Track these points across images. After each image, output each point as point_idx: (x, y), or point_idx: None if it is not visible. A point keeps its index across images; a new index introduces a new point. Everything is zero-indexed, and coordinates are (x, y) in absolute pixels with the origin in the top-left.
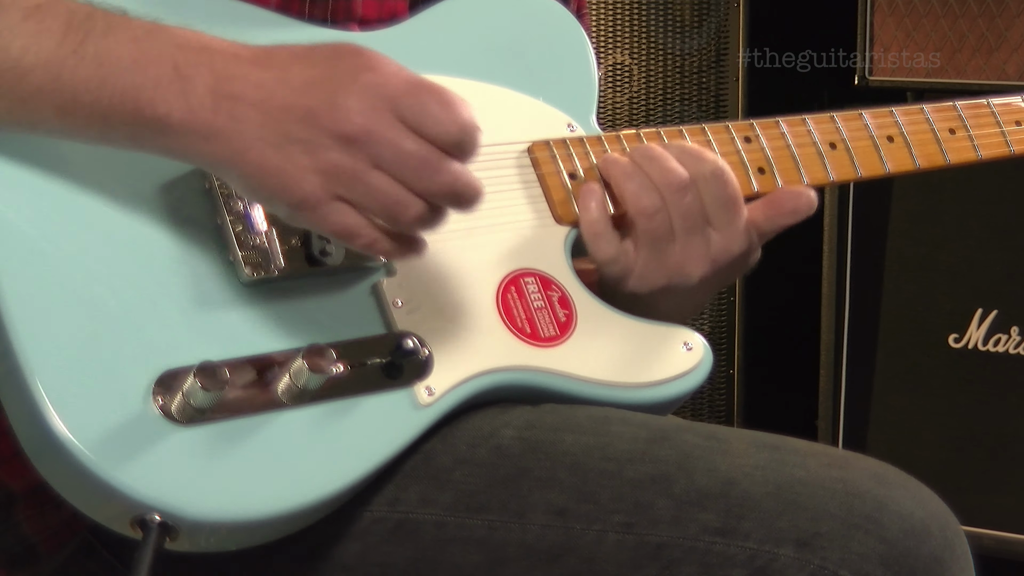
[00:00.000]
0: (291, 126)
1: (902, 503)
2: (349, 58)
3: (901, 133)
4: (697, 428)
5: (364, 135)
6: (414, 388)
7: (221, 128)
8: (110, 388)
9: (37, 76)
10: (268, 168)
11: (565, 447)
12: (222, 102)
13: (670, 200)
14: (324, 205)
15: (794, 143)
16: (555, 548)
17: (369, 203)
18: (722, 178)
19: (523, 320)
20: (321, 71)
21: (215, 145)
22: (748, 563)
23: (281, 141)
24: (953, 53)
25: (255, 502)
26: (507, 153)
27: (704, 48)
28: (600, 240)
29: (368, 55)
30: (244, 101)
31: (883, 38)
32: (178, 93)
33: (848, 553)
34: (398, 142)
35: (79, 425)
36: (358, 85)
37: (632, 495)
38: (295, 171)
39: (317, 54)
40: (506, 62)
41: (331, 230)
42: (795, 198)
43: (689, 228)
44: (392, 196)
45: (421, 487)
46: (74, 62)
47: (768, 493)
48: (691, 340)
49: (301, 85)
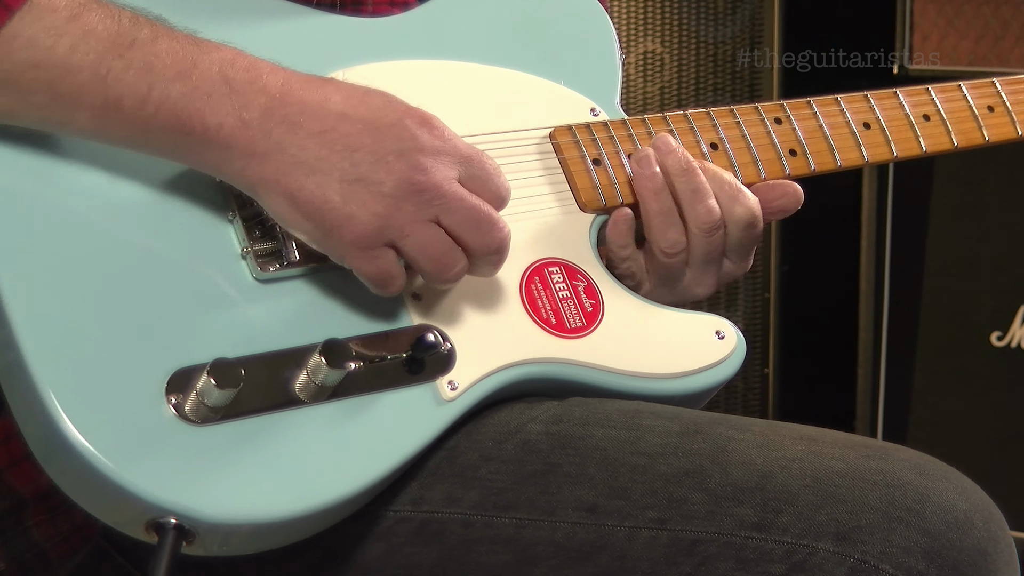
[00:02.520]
0: (356, 165)
1: (944, 494)
2: (410, 112)
3: (938, 111)
4: (731, 421)
5: (432, 188)
6: (436, 383)
7: (272, 150)
8: (122, 389)
9: (82, 76)
10: (328, 202)
11: (595, 441)
12: (278, 125)
13: (695, 239)
14: (375, 249)
15: (826, 123)
16: (586, 546)
17: (418, 254)
18: (755, 227)
19: (548, 311)
20: (381, 116)
21: (262, 166)
22: (786, 558)
23: (344, 177)
24: (996, 41)
25: (274, 503)
26: (528, 140)
27: (738, 36)
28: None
29: (425, 113)
30: (303, 129)
31: (923, 26)
32: (231, 108)
33: (889, 546)
34: (463, 197)
35: (90, 427)
36: (427, 140)
37: (665, 490)
38: (357, 210)
39: (373, 99)
40: (525, 46)
41: (370, 272)
42: (781, 195)
43: (707, 262)
44: (444, 249)
45: (446, 485)
46: (122, 66)
47: (806, 486)
48: (724, 328)
49: (364, 127)
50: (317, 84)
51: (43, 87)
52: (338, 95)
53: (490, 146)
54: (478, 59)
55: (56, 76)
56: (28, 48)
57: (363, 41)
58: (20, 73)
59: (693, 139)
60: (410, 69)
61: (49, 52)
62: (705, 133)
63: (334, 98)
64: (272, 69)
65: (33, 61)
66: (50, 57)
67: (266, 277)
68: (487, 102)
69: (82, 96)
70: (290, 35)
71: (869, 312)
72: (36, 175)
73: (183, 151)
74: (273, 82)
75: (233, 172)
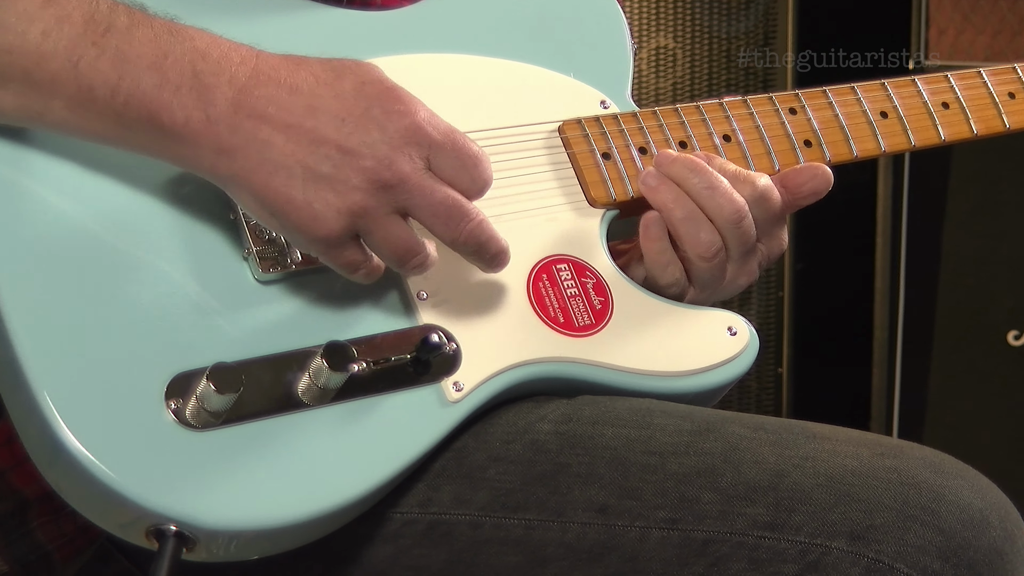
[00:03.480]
0: (321, 162)
1: (960, 493)
2: (381, 97)
3: (957, 99)
4: (744, 419)
5: (398, 182)
6: (441, 384)
7: (239, 146)
8: (120, 393)
9: (55, 63)
10: (292, 200)
11: (605, 441)
12: (244, 120)
13: (727, 234)
14: (342, 244)
15: (842, 113)
16: (596, 547)
17: (382, 246)
18: (769, 199)
19: (556, 309)
20: (350, 105)
21: (230, 161)
22: (799, 558)
23: (308, 175)
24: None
25: (276, 508)
26: (535, 134)
27: (751, 31)
28: (668, 268)
29: (398, 94)
30: (268, 123)
31: (939, 20)
32: (196, 101)
33: (904, 546)
34: (431, 190)
35: (87, 432)
36: (393, 129)
37: (676, 490)
38: (322, 208)
39: (345, 84)
40: (533, 38)
41: (338, 263)
42: (811, 177)
43: (745, 253)
44: (407, 243)
45: (454, 486)
46: (94, 54)
47: (819, 485)
48: (735, 324)
49: (331, 119)
50: (288, 70)
51: (18, 73)
52: (307, 82)
53: (497, 141)
54: (486, 52)
55: (30, 63)
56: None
57: (371, 35)
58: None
59: (705, 131)
60: (418, 63)
61: (22, 37)
62: (718, 125)
63: (303, 87)
64: (243, 58)
65: (5, 46)
66: (23, 43)
67: (268, 278)
68: (495, 96)
69: (56, 84)
70: (299, 30)
71: (884, 311)
72: (33, 174)
73: (158, 147)
74: (242, 73)
75: (205, 169)
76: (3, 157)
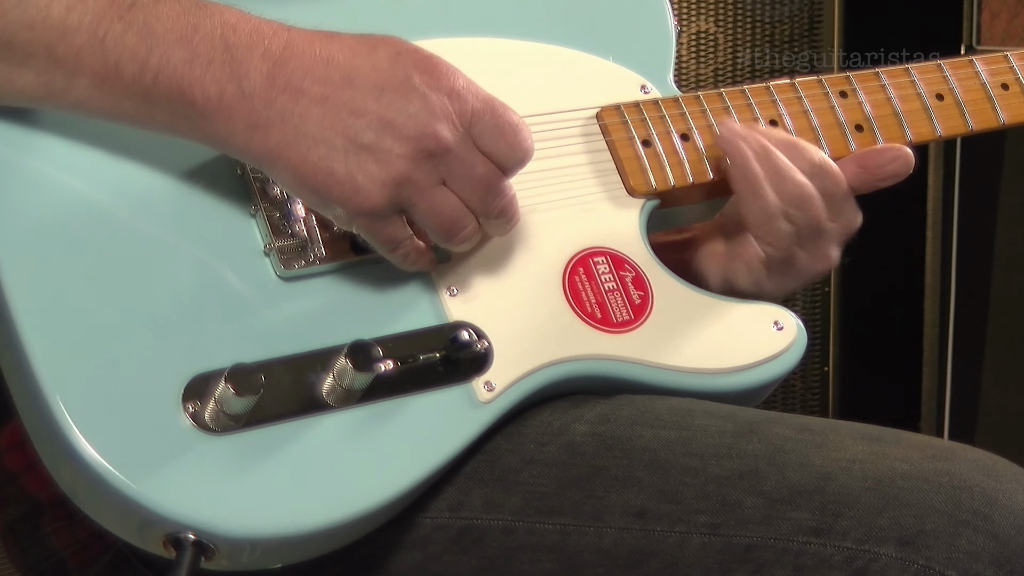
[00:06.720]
0: (362, 132)
1: (1014, 497)
2: (419, 66)
3: (1017, 80)
4: (788, 420)
5: (442, 152)
6: (472, 384)
7: (274, 120)
8: (135, 396)
9: (80, 37)
10: (333, 174)
11: (643, 442)
12: (279, 93)
13: (796, 219)
14: (385, 218)
15: (896, 96)
16: (634, 553)
17: (428, 218)
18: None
19: (593, 304)
20: (388, 75)
21: (265, 137)
22: (846, 564)
23: (349, 146)
24: None
25: (298, 515)
26: (572, 121)
27: (796, 15)
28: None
29: (435, 62)
30: (305, 95)
31: (991, 4)
32: (230, 75)
33: (955, 552)
34: (472, 163)
35: (103, 439)
36: (436, 98)
37: (718, 493)
38: (364, 180)
39: (379, 54)
40: (570, 20)
41: (380, 240)
42: (892, 159)
43: (816, 236)
44: (454, 214)
45: (486, 490)
46: (121, 28)
47: (867, 488)
48: (782, 319)
49: (370, 89)
50: (321, 43)
51: (41, 49)
52: (343, 54)
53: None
54: (521, 35)
55: (53, 38)
56: (20, 7)
57: (403, 19)
58: (14, 34)
59: (751, 116)
60: (450, 47)
61: (44, 11)
62: (764, 109)
63: (339, 58)
64: (275, 32)
65: (27, 21)
66: (46, 17)
67: (290, 275)
68: (532, 81)
69: (80, 60)
70: (330, 14)
71: (935, 307)
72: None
73: (188, 125)
74: (276, 46)
75: (238, 146)
76: (17, 142)
